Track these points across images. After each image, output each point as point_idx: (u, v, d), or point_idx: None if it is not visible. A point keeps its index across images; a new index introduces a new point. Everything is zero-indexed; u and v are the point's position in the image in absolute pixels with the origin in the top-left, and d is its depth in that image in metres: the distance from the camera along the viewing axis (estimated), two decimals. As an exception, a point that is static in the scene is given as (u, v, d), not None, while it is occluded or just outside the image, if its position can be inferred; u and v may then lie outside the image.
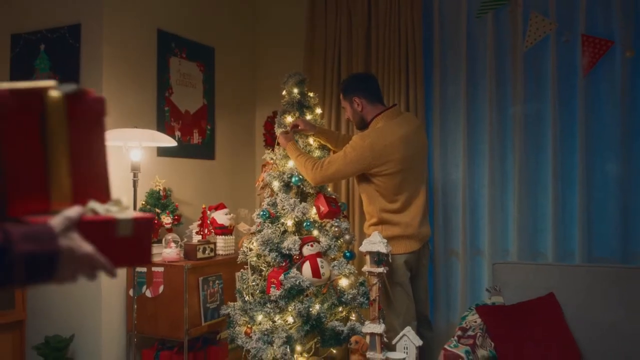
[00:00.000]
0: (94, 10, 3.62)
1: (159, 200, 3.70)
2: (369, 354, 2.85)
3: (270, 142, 4.71)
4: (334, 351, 3.42)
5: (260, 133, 4.94)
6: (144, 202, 3.64)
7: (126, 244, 1.11)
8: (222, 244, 3.81)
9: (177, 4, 4.15)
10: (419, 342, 2.85)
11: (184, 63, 4.18)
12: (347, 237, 3.34)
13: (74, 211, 1.05)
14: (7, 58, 3.92)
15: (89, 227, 1.06)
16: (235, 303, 3.40)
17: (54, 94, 1.10)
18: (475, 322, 2.90)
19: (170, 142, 3.43)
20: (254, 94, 4.92)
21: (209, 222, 3.72)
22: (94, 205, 1.11)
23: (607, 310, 2.98)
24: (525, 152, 3.85)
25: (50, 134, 1.09)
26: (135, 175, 3.27)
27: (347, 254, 3.32)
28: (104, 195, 1.17)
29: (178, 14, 4.15)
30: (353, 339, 2.84)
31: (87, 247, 1.02)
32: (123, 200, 1.16)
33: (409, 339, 2.84)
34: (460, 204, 3.98)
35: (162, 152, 3.88)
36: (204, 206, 3.72)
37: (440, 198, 4.08)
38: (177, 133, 4.07)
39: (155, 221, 3.68)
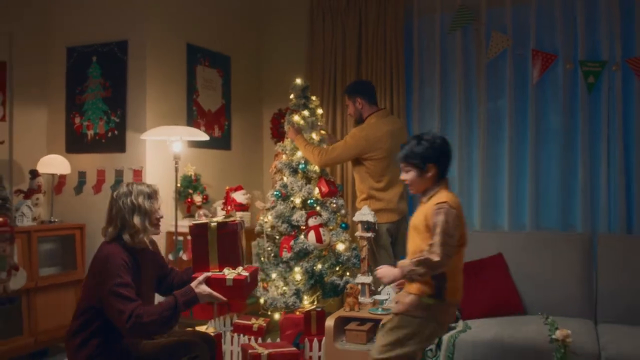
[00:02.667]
0: (138, 28, 4.48)
1: (191, 183, 4.58)
2: (360, 298, 3.76)
3: (276, 135, 5.62)
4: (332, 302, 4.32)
5: (268, 127, 5.81)
6: (179, 185, 4.51)
7: (231, 289, 2.64)
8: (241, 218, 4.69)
9: (201, 22, 5.00)
10: (398, 290, 3.75)
11: (206, 70, 5.05)
12: (342, 211, 4.25)
13: (204, 275, 2.73)
14: (63, 67, 4.77)
15: (213, 281, 2.62)
16: (254, 264, 4.28)
17: (213, 224, 2.86)
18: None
19: (203, 136, 4.31)
20: (261, 95, 5.79)
21: (230, 200, 4.61)
22: (226, 270, 2.78)
23: (542, 267, 3.87)
24: (487, 144, 4.75)
25: (211, 242, 2.60)
26: (176, 163, 4.14)
27: (343, 225, 4.23)
28: (234, 266, 2.79)
29: (202, 30, 5.00)
30: (348, 285, 3.74)
31: (208, 290, 2.56)
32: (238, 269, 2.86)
33: (389, 287, 3.74)
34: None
35: (192, 144, 4.74)
36: (227, 188, 4.61)
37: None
38: (202, 128, 4.93)
39: (189, 200, 4.57)
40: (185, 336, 2.93)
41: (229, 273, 2.82)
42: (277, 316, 4.13)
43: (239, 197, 4.72)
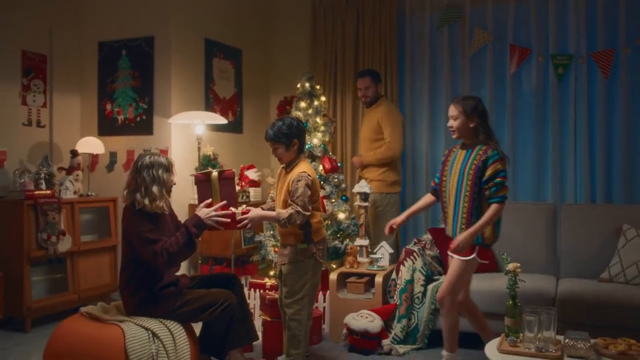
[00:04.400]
0: (163, 26, 5.09)
1: (210, 162, 5.20)
2: (359, 258, 4.42)
3: (282, 120, 6.24)
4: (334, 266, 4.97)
5: (274, 113, 6.43)
6: (199, 163, 5.14)
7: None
8: (253, 193, 5.34)
9: (217, 19, 5.61)
10: (391, 250, 4.42)
11: (221, 62, 5.67)
12: (342, 186, 4.90)
13: (205, 202, 3.37)
14: (95, 59, 5.39)
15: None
16: (266, 232, 4.91)
17: (214, 173, 3.33)
18: (428, 237, 4.47)
19: (222, 120, 4.95)
20: (269, 84, 6.41)
21: (244, 177, 5.25)
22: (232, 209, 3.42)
23: (515, 232, 4.50)
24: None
25: (213, 187, 3.21)
26: (199, 144, 4.78)
27: (343, 197, 4.88)
28: (232, 205, 3.34)
29: (218, 26, 5.62)
30: (349, 246, 4.40)
31: (207, 210, 3.27)
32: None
33: (384, 248, 4.41)
34: (424, 164, 5.54)
35: (210, 127, 5.36)
36: (241, 166, 5.25)
37: (410, 160, 5.63)
38: (218, 114, 5.55)
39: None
40: (215, 291, 3.49)
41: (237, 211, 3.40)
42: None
43: (252, 174, 5.36)
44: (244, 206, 3.42)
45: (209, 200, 3.39)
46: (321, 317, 4.25)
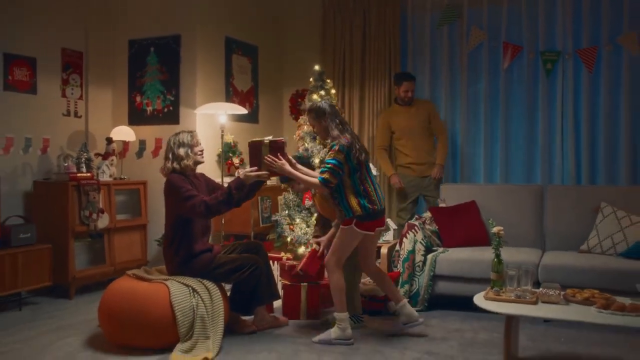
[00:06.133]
0: (188, 25, 5.63)
1: (231, 148, 5.75)
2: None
3: (294, 111, 6.79)
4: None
5: (287, 105, 6.96)
6: (222, 149, 5.67)
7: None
8: (270, 177, 5.86)
9: (236, 19, 6.14)
10: (395, 227, 4.96)
11: (240, 58, 6.20)
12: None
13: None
14: (126, 55, 5.93)
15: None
16: (281, 212, 5.44)
17: (266, 141, 3.85)
18: (428, 215, 5.00)
19: (243, 110, 5.48)
20: (282, 78, 6.94)
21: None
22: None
23: (505, 211, 5.02)
24: (466, 118, 5.93)
25: (263, 151, 3.74)
26: (222, 132, 5.31)
27: (352, 180, 5.40)
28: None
29: (236, 25, 6.14)
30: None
31: (246, 170, 3.80)
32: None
33: (388, 224, 4.95)
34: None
35: (230, 118, 5.89)
36: (259, 152, 5.77)
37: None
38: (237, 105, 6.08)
39: (229, 162, 5.75)
40: (244, 256, 4.03)
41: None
42: (300, 250, 5.30)
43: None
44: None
45: (254, 168, 3.87)
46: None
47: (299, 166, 3.99)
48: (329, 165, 3.65)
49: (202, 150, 4.01)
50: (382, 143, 5.76)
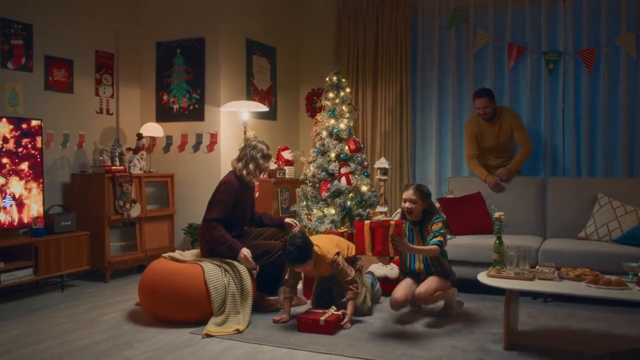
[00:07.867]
0: (212, 28, 6.03)
1: (252, 144, 6.14)
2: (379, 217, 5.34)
3: (310, 109, 7.18)
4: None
5: (303, 103, 7.36)
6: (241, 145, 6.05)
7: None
8: (288, 171, 6.27)
9: (256, 21, 6.53)
10: (405, 216, 5.34)
11: (259, 59, 6.59)
12: (365, 163, 5.81)
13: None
14: (153, 57, 6.34)
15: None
16: (299, 203, 5.82)
17: (392, 222, 3.73)
18: (437, 205, 5.37)
19: (264, 108, 5.88)
20: (299, 78, 7.33)
21: (280, 157, 6.18)
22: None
23: (509, 201, 5.38)
24: (473, 113, 6.28)
25: (390, 230, 3.69)
26: (245, 128, 5.71)
27: (365, 174, 5.79)
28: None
29: (256, 28, 6.54)
30: (371, 211, 5.31)
31: (244, 255, 4.16)
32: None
33: (398, 215, 5.32)
34: (433, 147, 6.44)
35: (251, 115, 6.29)
36: (278, 147, 6.18)
37: (420, 143, 6.54)
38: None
39: (251, 156, 6.13)
40: (271, 242, 4.44)
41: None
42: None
43: (286, 154, 6.29)
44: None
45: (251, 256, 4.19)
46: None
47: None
48: (442, 232, 4.07)
49: (266, 171, 4.47)
50: (472, 153, 5.73)
